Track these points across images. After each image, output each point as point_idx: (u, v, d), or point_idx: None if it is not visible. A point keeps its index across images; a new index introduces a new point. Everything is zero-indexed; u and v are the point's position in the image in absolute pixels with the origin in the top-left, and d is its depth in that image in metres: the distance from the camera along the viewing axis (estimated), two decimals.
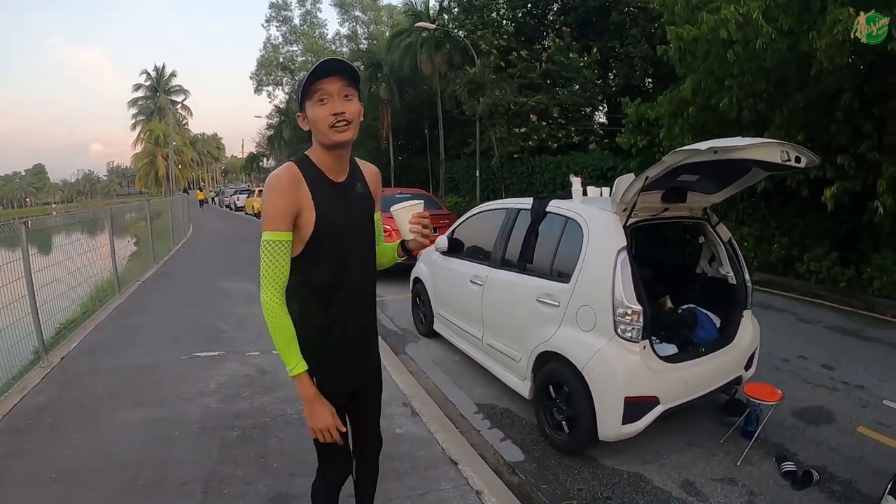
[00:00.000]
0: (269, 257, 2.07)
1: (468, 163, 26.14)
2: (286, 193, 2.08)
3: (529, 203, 5.10)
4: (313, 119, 2.09)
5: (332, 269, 2.20)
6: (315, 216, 2.11)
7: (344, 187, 2.24)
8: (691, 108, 10.79)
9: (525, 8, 24.22)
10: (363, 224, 2.32)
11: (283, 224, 2.07)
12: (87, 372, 6.03)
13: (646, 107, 12.72)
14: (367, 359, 2.49)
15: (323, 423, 2.16)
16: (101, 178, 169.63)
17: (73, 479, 3.84)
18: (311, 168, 2.17)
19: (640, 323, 3.82)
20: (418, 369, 6.30)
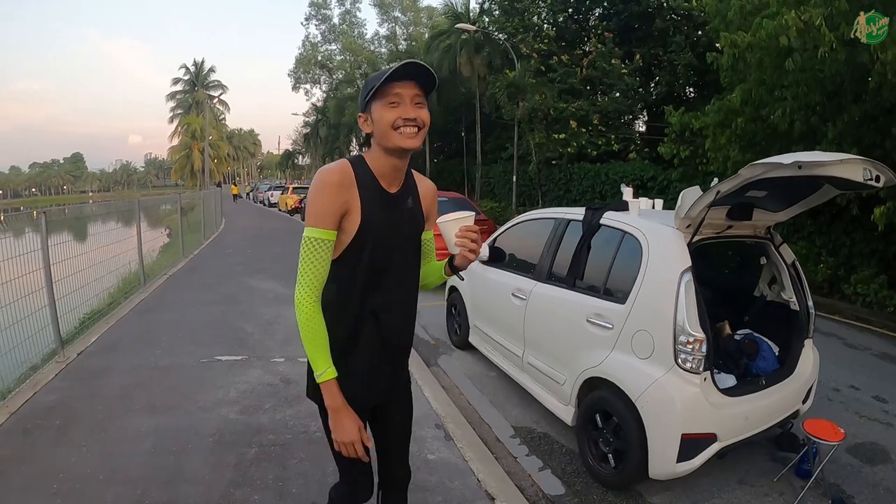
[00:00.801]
0: (309, 254, 1.95)
1: (505, 168, 25.94)
2: (336, 191, 1.95)
3: (581, 213, 4.75)
4: (380, 120, 1.96)
5: (369, 280, 2.07)
6: (360, 221, 1.99)
7: (396, 199, 2.12)
8: (740, 118, 10.34)
9: (567, 12, 23.97)
10: (410, 239, 2.21)
11: (329, 222, 1.95)
12: (103, 370, 5.80)
13: (690, 116, 12.27)
14: (391, 379, 2.29)
15: (349, 437, 2.02)
16: (139, 169, 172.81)
17: (75, 492, 3.58)
18: (365, 171, 2.04)
19: (703, 352, 3.47)
20: (451, 384, 5.98)
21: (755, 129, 10.28)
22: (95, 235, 9.41)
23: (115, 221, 11.07)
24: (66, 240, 7.59)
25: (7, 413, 4.73)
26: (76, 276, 7.31)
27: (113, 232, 10.15)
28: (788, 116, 9.26)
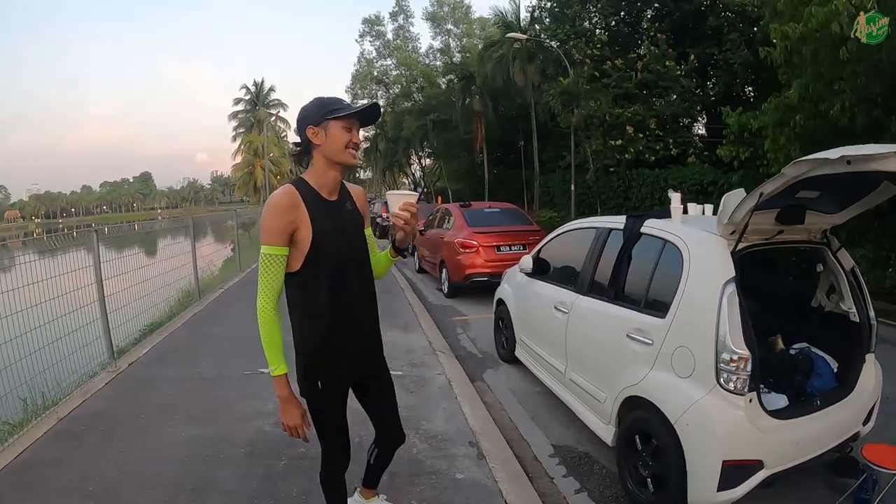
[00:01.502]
0: (266, 269, 2.38)
1: (563, 176, 25.59)
2: (284, 214, 2.36)
3: (622, 222, 4.51)
4: (335, 139, 2.41)
5: (331, 276, 2.47)
6: (312, 231, 2.40)
7: (336, 205, 2.55)
8: (798, 115, 9.82)
9: (618, 15, 23.59)
10: (355, 237, 2.62)
11: (280, 240, 2.37)
12: (150, 380, 6.05)
13: (748, 116, 11.76)
14: (369, 353, 2.76)
15: (292, 422, 2.52)
16: (205, 187, 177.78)
17: (109, 495, 3.77)
18: (307, 188, 2.47)
19: (748, 372, 3.16)
20: (494, 400, 5.81)
21: (815, 126, 9.76)
22: (155, 250, 9.85)
23: (175, 237, 11.45)
24: (126, 254, 8.10)
25: (56, 418, 5.04)
26: (131, 290, 7.71)
27: (171, 247, 10.67)
28: (848, 110, 8.77)
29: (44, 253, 6.21)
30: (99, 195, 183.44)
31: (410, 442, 4.41)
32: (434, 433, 4.63)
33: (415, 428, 4.70)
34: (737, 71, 19.14)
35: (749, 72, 18.72)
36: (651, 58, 20.27)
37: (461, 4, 46.16)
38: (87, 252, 6.59)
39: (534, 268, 5.88)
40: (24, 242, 6.72)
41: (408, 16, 48.17)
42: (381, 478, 3.27)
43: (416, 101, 44.67)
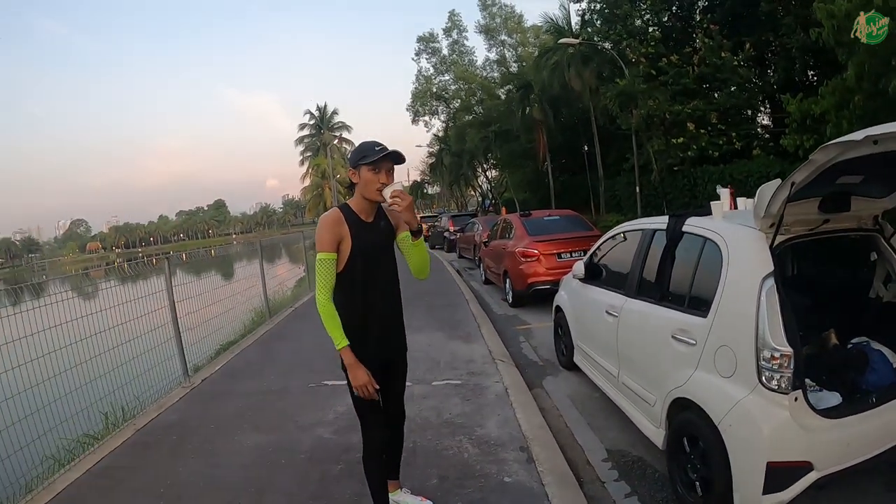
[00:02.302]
0: (321, 270, 3.07)
1: (628, 179, 25.28)
2: (332, 228, 3.09)
3: (665, 222, 4.47)
4: (366, 180, 3.10)
5: (363, 276, 3.16)
6: (351, 243, 3.11)
7: (372, 225, 3.24)
8: (857, 96, 9.43)
9: (669, 11, 23.18)
10: (385, 249, 3.31)
11: (330, 247, 3.07)
12: (221, 394, 6.48)
13: (809, 102, 11.29)
14: (394, 339, 3.41)
15: (361, 381, 3.04)
16: (277, 210, 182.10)
17: (177, 497, 4.15)
18: (349, 212, 3.19)
19: (791, 369, 3.04)
20: (552, 405, 5.82)
21: (876, 107, 9.29)
22: (231, 273, 10.39)
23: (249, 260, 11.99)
24: (202, 278, 8.86)
25: (133, 430, 5.56)
26: (206, 310, 8.27)
27: (243, 269, 11.12)
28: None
29: (124, 280, 6.79)
30: (175, 224, 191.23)
31: (462, 447, 4.55)
32: (486, 439, 4.69)
33: (468, 434, 4.80)
34: (795, 55, 18.49)
35: (808, 55, 18.05)
36: (706, 50, 19.79)
37: (513, 15, 46.04)
38: (159, 277, 7.16)
39: (586, 273, 5.88)
40: (106, 271, 7.23)
41: (461, 30, 48.32)
42: (399, 467, 3.74)
43: (476, 113, 44.82)
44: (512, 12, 46.18)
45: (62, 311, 5.40)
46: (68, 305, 5.55)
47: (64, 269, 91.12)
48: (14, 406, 4.60)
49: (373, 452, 3.32)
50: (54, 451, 5.17)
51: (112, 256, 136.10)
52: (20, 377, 4.70)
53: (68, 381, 5.24)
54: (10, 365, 4.66)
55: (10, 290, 5.23)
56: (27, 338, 4.84)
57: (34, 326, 4.98)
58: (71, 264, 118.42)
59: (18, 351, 4.72)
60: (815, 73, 19.46)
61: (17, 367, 4.70)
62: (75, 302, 5.83)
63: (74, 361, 5.38)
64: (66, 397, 5.16)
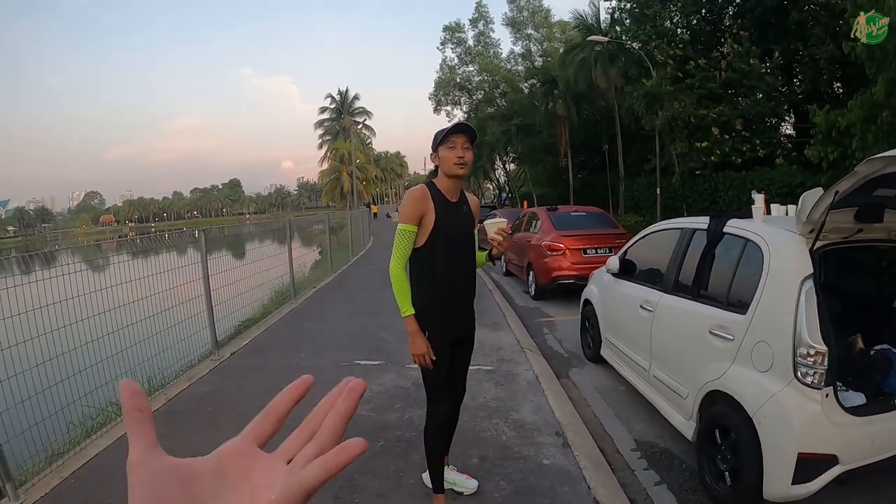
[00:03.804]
0: (400, 240, 3.25)
1: (648, 180, 25.30)
2: (417, 202, 3.26)
3: (706, 222, 4.66)
4: (444, 158, 3.28)
5: (444, 255, 3.29)
6: (434, 219, 3.26)
7: (455, 205, 3.40)
8: (885, 112, 9.46)
9: (699, 14, 23.09)
10: (466, 230, 3.44)
11: (413, 220, 3.25)
12: (252, 368, 6.56)
13: (836, 114, 11.35)
14: (465, 319, 3.55)
15: (419, 350, 3.25)
16: (292, 192, 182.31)
17: None
18: (435, 190, 3.35)
19: (825, 366, 3.26)
20: (580, 396, 6.00)
21: None
22: (252, 251, 10.56)
23: (270, 240, 12.11)
24: (224, 255, 8.70)
25: (165, 399, 5.65)
26: (232, 287, 8.26)
27: (266, 248, 11.24)
28: None
29: (152, 252, 6.86)
30: (189, 201, 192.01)
31: (500, 429, 4.74)
32: (522, 423, 4.88)
33: (503, 418, 4.99)
34: (823, 66, 18.47)
35: (836, 67, 18.02)
36: (734, 56, 19.74)
37: (540, 9, 45.79)
38: (194, 251, 7.32)
39: (620, 268, 6.07)
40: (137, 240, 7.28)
41: (488, 22, 48.06)
42: (450, 444, 3.81)
43: (498, 106, 44.67)
44: (539, 6, 45.95)
45: (97, 280, 5.39)
46: (103, 275, 5.62)
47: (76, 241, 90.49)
48: (46, 372, 4.46)
49: (438, 426, 3.45)
50: (83, 419, 5.22)
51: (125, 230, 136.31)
52: (52, 343, 4.55)
53: (101, 349, 5.15)
54: (39, 331, 4.46)
55: (34, 255, 4.88)
56: (61, 303, 4.67)
57: (66, 294, 4.81)
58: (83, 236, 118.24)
59: (44, 320, 4.55)
60: (842, 85, 19.45)
61: (45, 333, 4.50)
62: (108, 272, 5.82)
63: (105, 330, 5.28)
64: (99, 365, 5.03)
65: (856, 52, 9.51)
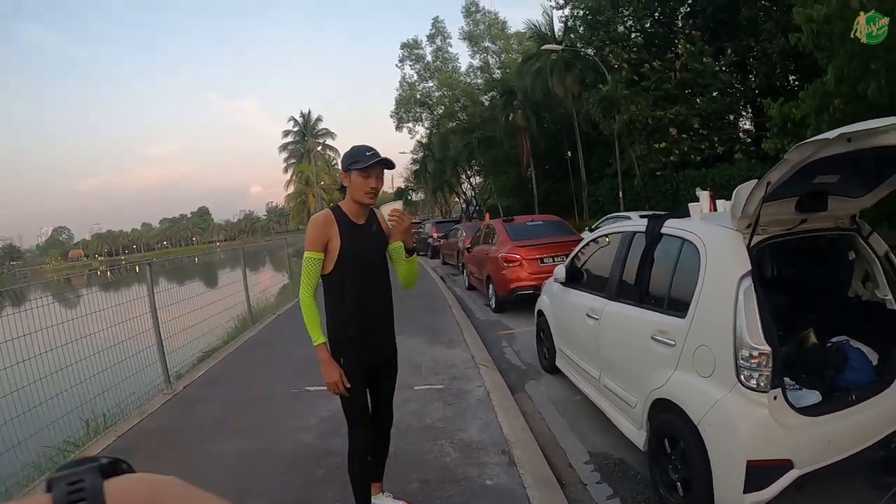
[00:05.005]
0: (307, 268, 3.17)
1: (611, 184, 25.46)
2: (320, 228, 3.16)
3: (645, 224, 4.47)
4: (355, 184, 3.17)
5: (353, 279, 3.20)
6: (340, 244, 3.17)
7: (363, 227, 3.30)
8: (837, 100, 9.52)
9: (652, 17, 23.43)
10: (375, 252, 3.33)
11: (317, 247, 3.15)
12: (204, 400, 6.44)
13: (789, 106, 11.41)
14: (382, 343, 3.42)
15: (331, 378, 3.16)
16: (261, 218, 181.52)
17: None
18: (340, 213, 3.25)
19: (770, 367, 3.05)
20: (534, 409, 5.82)
21: (855, 110, 9.36)
22: (215, 280, 10.39)
23: (230, 268, 11.98)
24: (177, 286, 8.68)
25: (114, 436, 5.54)
26: (189, 316, 8.33)
27: (226, 276, 11.06)
28: (886, 88, 8.44)
29: (107, 287, 6.76)
30: (159, 231, 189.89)
31: (444, 451, 4.54)
32: (468, 442, 4.69)
33: (449, 438, 4.79)
34: (776, 60, 18.83)
35: (789, 60, 18.37)
36: (688, 56, 20.01)
37: (496, 21, 46.17)
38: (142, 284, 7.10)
39: (567, 276, 5.88)
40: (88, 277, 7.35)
41: (445, 37, 48.28)
42: (383, 470, 3.73)
43: (460, 120, 44.85)
44: (496, 19, 46.35)
45: (42, 317, 5.39)
46: (49, 311, 5.53)
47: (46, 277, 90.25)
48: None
49: (358, 453, 3.35)
50: (34, 457, 5.13)
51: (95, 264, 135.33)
52: None
53: (49, 387, 5.22)
54: None
55: None
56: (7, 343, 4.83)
57: (14, 332, 4.98)
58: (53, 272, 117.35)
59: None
60: (797, 77, 19.75)
61: None
62: (54, 308, 5.74)
63: (55, 367, 5.36)
64: (47, 403, 5.15)
65: (802, 43, 9.49)
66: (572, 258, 6.11)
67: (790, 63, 18.63)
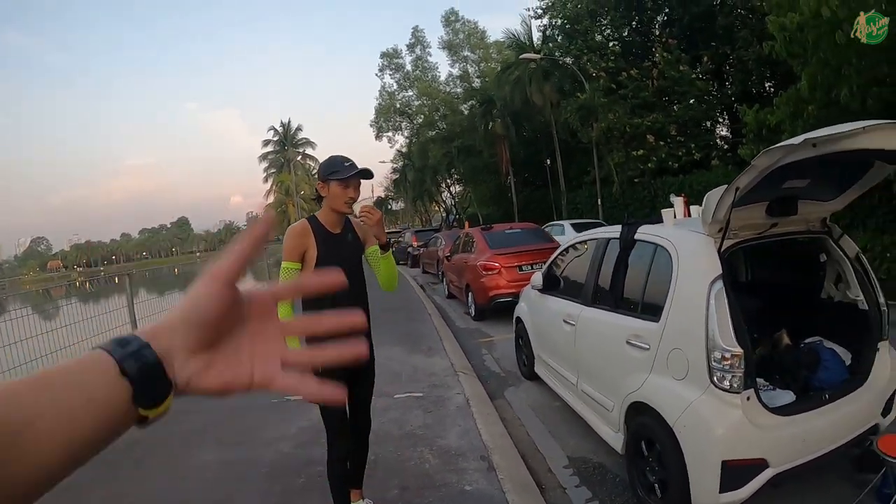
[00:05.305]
0: (283, 278, 3.09)
1: (590, 192, 25.63)
2: (297, 238, 3.18)
3: (619, 231, 4.52)
4: (334, 194, 3.22)
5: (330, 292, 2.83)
6: (317, 253, 3.20)
7: (339, 236, 3.34)
8: (811, 106, 9.67)
9: (629, 26, 23.67)
10: (352, 260, 3.33)
11: (294, 257, 3.17)
12: (185, 411, 6.18)
13: (765, 112, 11.57)
14: None
15: None
16: (241, 228, 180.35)
17: None
18: (317, 223, 3.29)
19: (742, 369, 3.10)
20: (513, 416, 5.83)
21: (828, 115, 9.46)
22: None
23: None
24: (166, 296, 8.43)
25: None
26: None
27: None
28: (858, 94, 8.57)
29: (86, 298, 6.69)
30: (138, 242, 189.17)
31: (424, 458, 4.55)
32: (447, 449, 4.70)
33: (429, 445, 4.80)
34: (752, 68, 19.15)
35: (765, 67, 18.66)
36: (665, 64, 20.20)
37: (476, 31, 46.38)
38: None
39: (544, 283, 5.92)
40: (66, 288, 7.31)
41: (424, 46, 48.42)
42: (362, 477, 3.72)
43: (439, 129, 44.88)
44: (475, 28, 46.55)
45: (21, 329, 5.44)
46: (28, 322, 5.57)
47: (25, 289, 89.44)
48: None
49: (337, 459, 3.37)
50: None
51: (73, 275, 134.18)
52: None
53: None
54: None
55: None
56: None
57: None
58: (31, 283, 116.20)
59: None
60: (772, 84, 19.99)
61: None
62: (33, 320, 5.78)
63: None
64: None
65: (776, 51, 9.61)
66: (549, 265, 6.15)
67: (766, 70, 18.91)
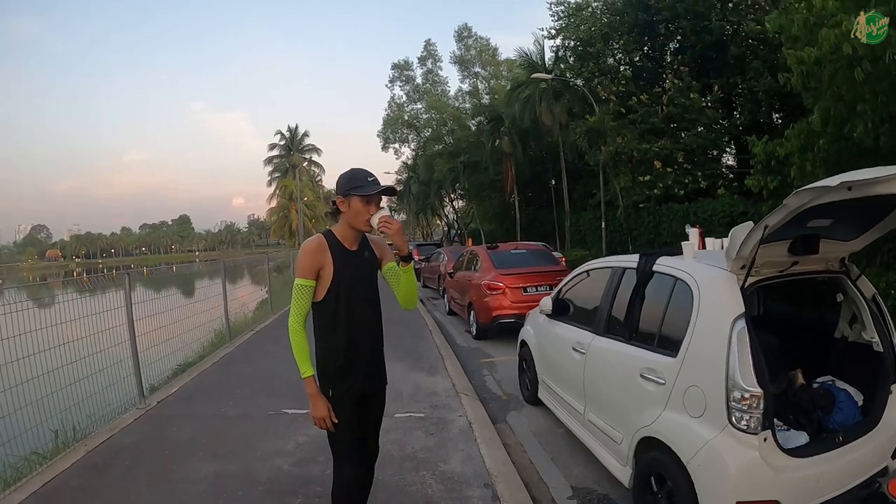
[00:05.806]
0: (297, 295, 3.03)
1: (594, 214, 25.55)
2: (313, 255, 3.03)
3: (636, 261, 4.47)
4: (355, 210, 3.04)
5: (346, 307, 3.09)
6: (333, 271, 3.05)
7: (355, 253, 3.18)
8: (822, 140, 9.58)
9: (641, 51, 23.68)
10: (368, 279, 3.23)
11: (309, 274, 3.03)
12: (178, 417, 6.24)
13: (774, 144, 11.46)
14: (372, 374, 3.29)
15: (319, 414, 3.03)
16: (242, 230, 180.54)
17: None
18: (333, 239, 3.13)
19: (761, 409, 3.05)
20: (516, 441, 5.74)
21: (840, 150, 9.52)
22: (192, 292, 10.23)
23: (211, 279, 11.80)
24: (156, 297, 8.41)
25: (84, 451, 5.32)
26: (166, 329, 8.16)
27: (205, 289, 11.15)
28: (872, 131, 8.48)
29: (83, 292, 6.57)
30: (138, 237, 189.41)
31: (426, 483, 4.46)
32: (450, 475, 4.61)
33: (431, 470, 4.71)
34: (761, 99, 19.13)
35: (774, 98, 18.67)
36: (675, 91, 20.16)
37: (487, 47, 46.57)
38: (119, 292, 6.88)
39: (553, 309, 5.84)
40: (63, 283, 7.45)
41: (436, 60, 48.64)
42: (366, 502, 3.51)
43: (446, 143, 44.98)
44: (487, 45, 46.73)
45: (13, 324, 5.17)
46: (21, 318, 5.31)
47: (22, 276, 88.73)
48: None
49: (347, 491, 3.17)
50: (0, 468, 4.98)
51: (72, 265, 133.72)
52: None
53: (19, 396, 5.06)
54: None
55: None
56: None
57: None
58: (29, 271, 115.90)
59: None
60: (781, 115, 20.00)
61: None
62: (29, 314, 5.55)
63: (26, 376, 5.17)
64: (17, 413, 5.00)
65: (791, 84, 9.58)
66: (559, 290, 6.08)
67: (775, 101, 18.95)
